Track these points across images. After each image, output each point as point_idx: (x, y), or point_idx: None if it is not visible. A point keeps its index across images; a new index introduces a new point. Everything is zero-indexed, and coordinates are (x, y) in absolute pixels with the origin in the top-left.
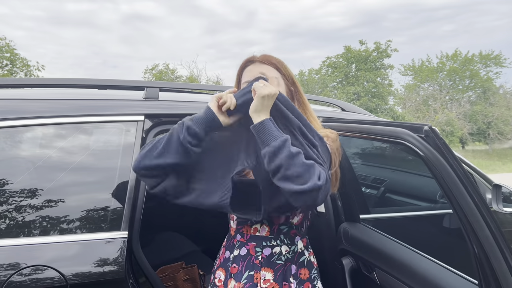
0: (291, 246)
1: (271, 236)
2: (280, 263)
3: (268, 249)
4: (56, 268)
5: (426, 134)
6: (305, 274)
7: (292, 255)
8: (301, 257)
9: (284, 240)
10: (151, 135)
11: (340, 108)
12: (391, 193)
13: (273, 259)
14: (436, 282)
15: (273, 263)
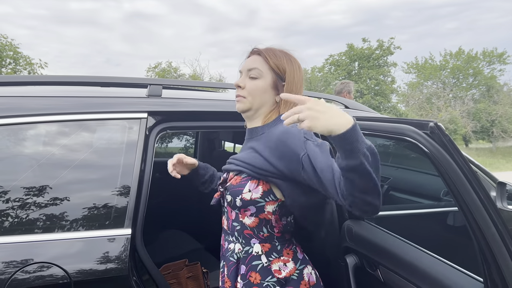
0: (244, 246)
1: (228, 231)
2: (232, 261)
3: (225, 243)
4: (60, 265)
5: (431, 131)
6: (255, 278)
7: (244, 255)
8: (254, 261)
9: (238, 238)
10: (154, 132)
11: (343, 106)
12: (394, 191)
13: (227, 255)
14: (440, 279)
15: (227, 258)
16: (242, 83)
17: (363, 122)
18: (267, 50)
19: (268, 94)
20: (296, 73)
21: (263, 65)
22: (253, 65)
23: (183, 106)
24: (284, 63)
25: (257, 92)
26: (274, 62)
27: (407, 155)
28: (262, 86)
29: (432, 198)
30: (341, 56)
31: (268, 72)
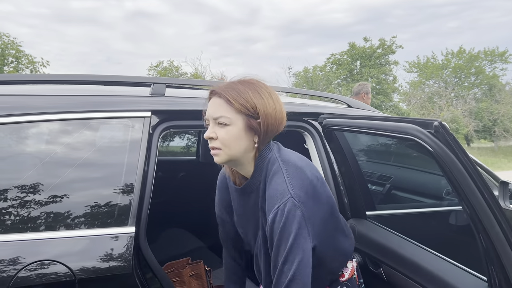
0: None
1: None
2: None
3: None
4: (65, 263)
5: (435, 130)
6: None
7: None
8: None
9: None
10: (157, 131)
11: (346, 105)
12: (396, 190)
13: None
14: (443, 278)
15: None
16: (213, 134)
17: (367, 121)
18: (227, 90)
19: (244, 139)
20: (268, 104)
21: (229, 110)
22: (218, 112)
23: (186, 105)
24: (251, 98)
25: (231, 141)
26: (239, 103)
27: (408, 154)
28: (235, 133)
29: (434, 197)
30: (342, 55)
31: (236, 115)
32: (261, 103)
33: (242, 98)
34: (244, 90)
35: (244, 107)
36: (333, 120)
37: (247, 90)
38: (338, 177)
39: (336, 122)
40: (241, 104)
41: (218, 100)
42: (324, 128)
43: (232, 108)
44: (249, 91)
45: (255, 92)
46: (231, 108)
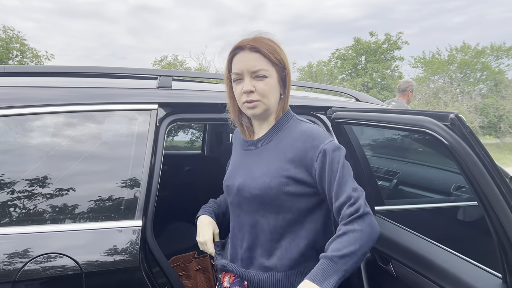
0: None
1: None
2: None
3: None
4: (71, 256)
5: (451, 122)
6: None
7: None
8: None
9: None
10: (164, 124)
11: (354, 98)
12: (404, 185)
13: None
14: (457, 275)
15: None
16: (253, 87)
17: (378, 114)
18: (260, 44)
19: (277, 91)
20: (286, 57)
21: (267, 63)
22: (258, 65)
23: (193, 97)
24: (279, 52)
25: (270, 92)
26: (274, 56)
27: (416, 149)
28: (272, 85)
29: (442, 193)
30: (347, 50)
31: (272, 68)
32: (286, 57)
33: (275, 52)
34: (273, 44)
35: (278, 60)
36: (342, 114)
37: (274, 44)
38: None
39: (345, 116)
40: (275, 57)
41: (253, 54)
42: (333, 122)
43: (269, 61)
44: (275, 45)
45: (278, 47)
46: (268, 61)
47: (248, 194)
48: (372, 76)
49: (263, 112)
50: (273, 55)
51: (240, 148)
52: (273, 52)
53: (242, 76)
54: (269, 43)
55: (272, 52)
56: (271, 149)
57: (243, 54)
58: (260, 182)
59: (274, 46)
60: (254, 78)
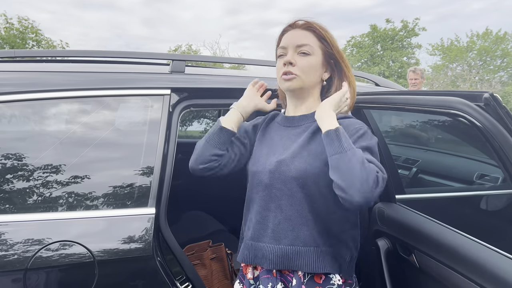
0: None
1: None
2: None
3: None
4: (84, 244)
5: (486, 103)
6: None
7: None
8: None
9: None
10: (178, 109)
11: (374, 83)
12: (424, 173)
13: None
14: (487, 266)
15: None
16: (294, 60)
17: (403, 96)
18: (315, 25)
19: (319, 73)
20: (340, 50)
21: (314, 42)
22: (304, 40)
23: (207, 82)
24: (331, 37)
25: (310, 70)
26: (323, 37)
27: (435, 136)
28: (314, 64)
29: (464, 182)
30: (363, 37)
31: (318, 49)
32: (338, 45)
33: (328, 35)
34: (326, 29)
35: (327, 42)
36: (363, 98)
37: (327, 31)
38: None
39: (366, 99)
40: (324, 39)
41: (303, 31)
42: (354, 106)
43: (318, 41)
44: (328, 32)
45: (331, 35)
46: (316, 40)
47: (294, 172)
48: (389, 64)
49: (298, 89)
50: (323, 36)
51: (277, 127)
52: (323, 33)
53: (286, 51)
54: (322, 27)
55: (322, 34)
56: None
57: (293, 31)
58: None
59: (325, 29)
60: (298, 53)
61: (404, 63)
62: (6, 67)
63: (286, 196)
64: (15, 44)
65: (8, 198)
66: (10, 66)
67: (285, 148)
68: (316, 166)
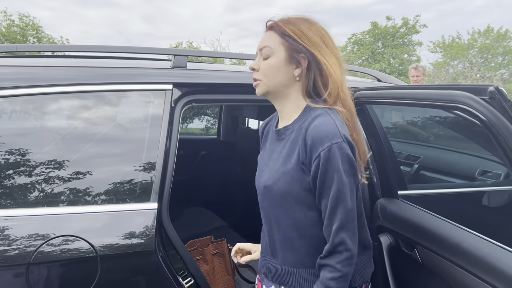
0: None
1: None
2: None
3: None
4: (86, 238)
5: (491, 96)
6: None
7: None
8: None
9: None
10: (179, 105)
11: (376, 79)
12: (425, 170)
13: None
14: (491, 261)
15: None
16: (257, 65)
17: (407, 91)
18: (283, 23)
19: (283, 72)
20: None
21: (275, 41)
22: (264, 43)
23: (209, 78)
24: (304, 32)
25: (271, 72)
26: (284, 32)
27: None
28: (275, 64)
29: (466, 178)
30: (364, 35)
31: (280, 47)
32: (309, 34)
33: (291, 28)
34: (293, 21)
35: (289, 37)
36: (365, 93)
37: (294, 23)
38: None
39: (369, 94)
40: (286, 34)
41: (267, 33)
42: (356, 101)
43: (278, 38)
44: (293, 25)
45: (312, 28)
46: (277, 38)
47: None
48: (390, 61)
49: (267, 94)
50: (285, 32)
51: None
52: (286, 30)
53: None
54: (286, 21)
55: (284, 30)
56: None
57: (265, 33)
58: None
59: (292, 23)
60: (263, 57)
61: (405, 60)
62: (8, 61)
63: (274, 218)
64: (16, 41)
65: (13, 193)
66: (12, 61)
67: (272, 167)
68: (295, 193)
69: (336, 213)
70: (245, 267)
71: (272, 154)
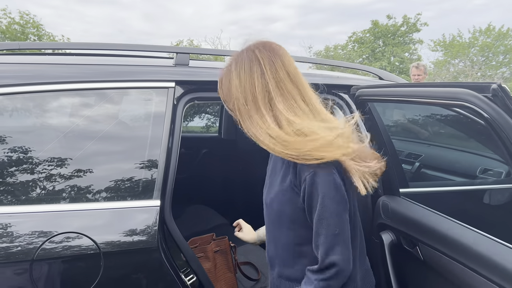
0: None
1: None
2: None
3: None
4: (89, 235)
5: (494, 94)
6: None
7: None
8: None
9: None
10: (182, 102)
11: (377, 77)
12: (426, 168)
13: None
14: (492, 258)
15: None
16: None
17: (409, 88)
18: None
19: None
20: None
21: (233, 64)
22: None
23: (212, 75)
24: (231, 80)
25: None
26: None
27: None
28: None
29: (468, 176)
30: (365, 33)
31: (234, 70)
32: (279, 67)
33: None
34: (254, 49)
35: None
36: (368, 90)
37: (257, 50)
38: None
39: (371, 92)
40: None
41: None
42: (358, 99)
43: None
44: (260, 52)
45: (267, 54)
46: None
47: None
48: (390, 60)
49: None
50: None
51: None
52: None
53: None
54: (251, 46)
55: (248, 52)
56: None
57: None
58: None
59: (252, 50)
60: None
61: (406, 59)
62: (10, 59)
63: (272, 234)
64: (16, 39)
65: (18, 190)
66: (13, 58)
67: (272, 184)
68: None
69: (321, 236)
70: (247, 265)
71: (275, 169)
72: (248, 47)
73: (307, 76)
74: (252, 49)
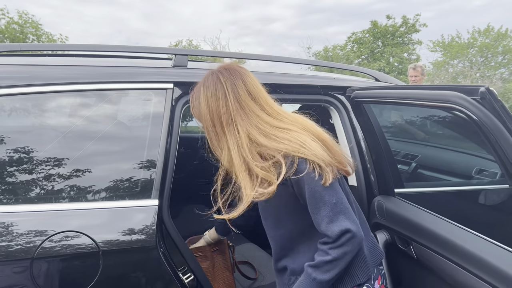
0: None
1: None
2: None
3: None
4: (89, 234)
5: (482, 96)
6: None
7: None
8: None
9: None
10: (180, 103)
11: (374, 78)
12: (423, 168)
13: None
14: (483, 257)
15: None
16: None
17: (402, 91)
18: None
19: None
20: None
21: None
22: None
23: None
24: (201, 99)
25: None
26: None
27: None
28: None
29: (463, 177)
30: (364, 33)
31: (203, 98)
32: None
33: (194, 101)
34: (218, 74)
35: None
36: (363, 92)
37: (221, 75)
38: (365, 153)
39: (366, 94)
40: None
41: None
42: (353, 101)
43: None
44: (223, 76)
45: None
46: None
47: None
48: (389, 60)
49: None
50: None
51: None
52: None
53: None
54: (216, 70)
55: (214, 77)
56: None
57: None
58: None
59: (217, 75)
60: None
61: (404, 59)
62: (9, 60)
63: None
64: (15, 38)
65: (18, 189)
66: (13, 60)
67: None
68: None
69: (320, 209)
70: (244, 264)
71: None
72: (212, 71)
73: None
74: (216, 73)
